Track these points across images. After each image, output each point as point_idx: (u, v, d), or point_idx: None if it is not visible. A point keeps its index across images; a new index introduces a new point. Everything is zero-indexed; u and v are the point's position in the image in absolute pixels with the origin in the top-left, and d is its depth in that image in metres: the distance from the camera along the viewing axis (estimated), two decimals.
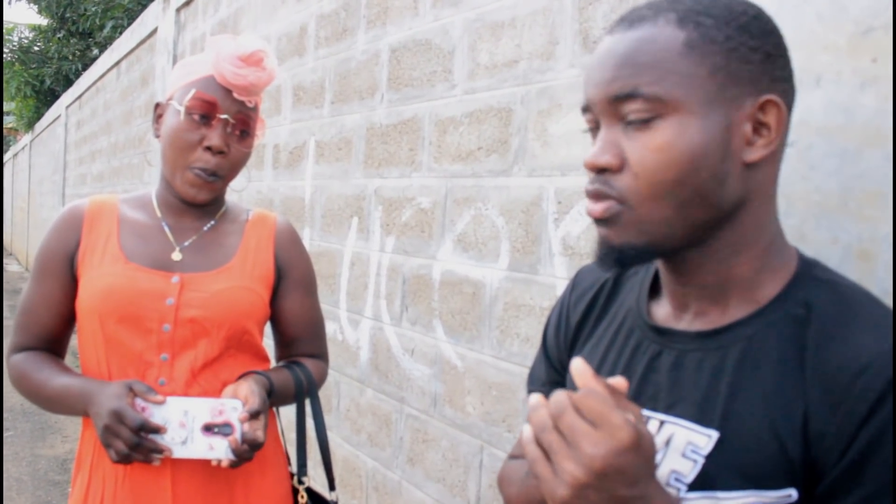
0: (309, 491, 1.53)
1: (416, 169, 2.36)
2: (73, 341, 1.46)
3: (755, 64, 0.77)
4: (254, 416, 1.31)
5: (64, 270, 1.42)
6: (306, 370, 1.52)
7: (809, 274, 0.81)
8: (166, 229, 1.45)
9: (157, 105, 1.45)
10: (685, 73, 0.76)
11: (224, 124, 1.37)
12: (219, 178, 1.40)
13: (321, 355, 1.62)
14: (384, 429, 2.51)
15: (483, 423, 2.01)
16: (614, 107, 0.79)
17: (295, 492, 1.54)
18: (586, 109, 0.83)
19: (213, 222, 1.48)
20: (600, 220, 0.81)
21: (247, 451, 1.30)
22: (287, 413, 1.63)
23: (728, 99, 0.76)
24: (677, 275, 0.86)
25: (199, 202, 1.42)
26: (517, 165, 1.92)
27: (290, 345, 1.58)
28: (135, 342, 1.37)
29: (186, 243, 1.44)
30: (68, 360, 1.50)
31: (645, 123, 0.77)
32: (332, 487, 1.58)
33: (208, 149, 1.36)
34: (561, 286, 1.76)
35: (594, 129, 0.83)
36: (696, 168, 0.76)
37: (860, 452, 0.71)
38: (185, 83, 1.38)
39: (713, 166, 0.77)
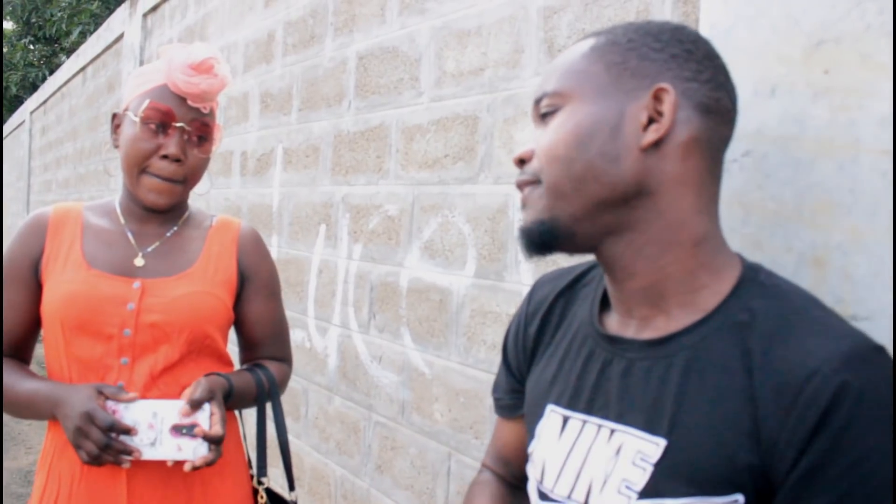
0: (268, 491, 1.54)
1: (383, 176, 2.36)
2: (40, 350, 1.44)
3: (656, 62, 0.84)
4: (194, 406, 1.31)
5: (28, 277, 1.43)
6: (268, 372, 1.53)
7: (753, 279, 0.82)
8: (129, 235, 1.46)
9: (115, 115, 1.46)
10: (582, 69, 0.86)
11: (180, 132, 1.39)
12: (178, 183, 1.41)
13: (285, 358, 1.63)
14: (352, 436, 2.50)
15: (451, 430, 2.02)
16: (537, 110, 0.90)
17: (255, 492, 1.54)
18: None
19: (175, 228, 1.49)
20: (523, 208, 0.90)
21: (212, 450, 1.31)
22: (250, 418, 1.62)
23: (624, 90, 0.84)
24: (612, 276, 0.88)
25: (161, 207, 1.43)
26: (483, 173, 1.93)
27: (254, 348, 1.59)
28: (95, 346, 1.38)
29: (149, 249, 1.45)
30: (35, 369, 1.48)
31: (550, 115, 0.87)
32: (291, 488, 1.59)
33: (165, 157, 1.38)
34: (525, 290, 1.77)
35: None
36: (583, 145, 0.83)
37: (816, 461, 0.71)
38: (140, 93, 1.39)
39: (601, 144, 0.83)
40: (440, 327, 2.07)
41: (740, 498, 0.75)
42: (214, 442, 1.31)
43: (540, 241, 0.87)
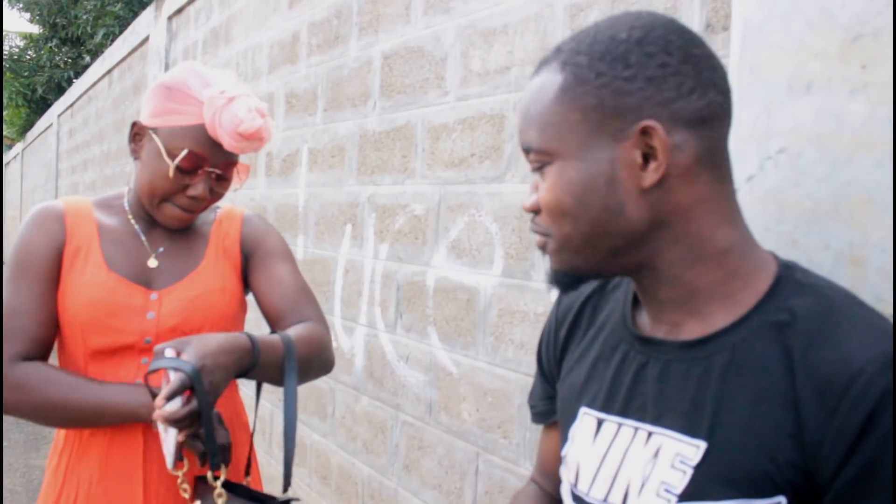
0: (227, 485, 1.29)
1: (409, 176, 2.36)
2: None
3: (632, 94, 0.78)
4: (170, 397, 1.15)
5: (54, 268, 1.40)
6: (286, 335, 1.37)
7: (790, 278, 0.81)
8: (141, 236, 1.47)
9: (135, 124, 1.43)
10: (559, 121, 0.81)
11: (209, 174, 1.39)
12: (197, 212, 1.45)
13: (313, 317, 1.48)
14: (380, 436, 2.50)
15: (479, 430, 2.01)
16: (527, 155, 0.85)
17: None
18: None
19: (183, 227, 1.50)
20: (543, 255, 0.88)
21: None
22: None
23: (607, 134, 0.79)
24: (642, 291, 0.88)
25: (178, 228, 1.46)
26: (510, 172, 1.92)
27: (279, 320, 1.47)
28: (116, 351, 1.39)
29: (161, 249, 1.47)
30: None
31: (541, 170, 0.84)
32: (286, 485, 1.36)
33: (192, 197, 1.39)
34: (555, 292, 1.76)
35: None
36: (583, 204, 0.80)
37: (867, 463, 0.70)
38: (174, 125, 1.37)
39: (601, 200, 0.80)
40: (467, 327, 2.07)
41: (783, 500, 0.75)
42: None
43: (566, 284, 0.88)
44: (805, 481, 0.74)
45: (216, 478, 1.24)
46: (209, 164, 1.37)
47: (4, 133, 20.27)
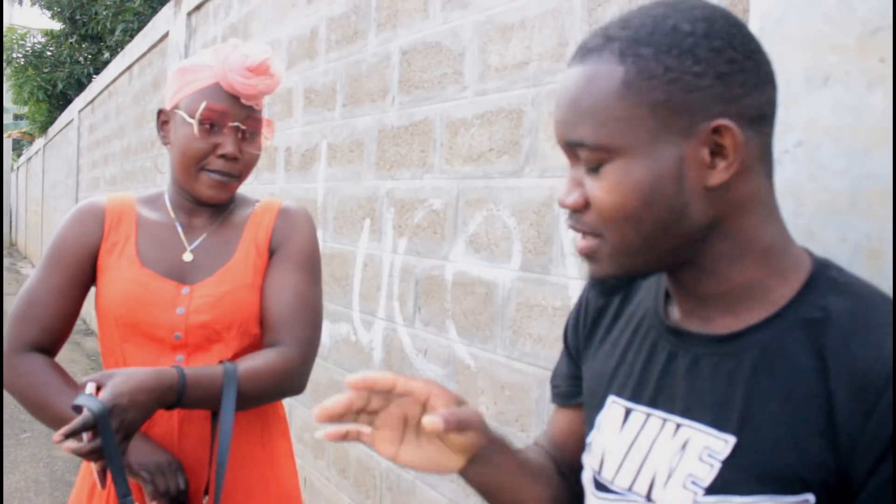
0: None
1: (427, 170, 2.37)
2: (92, 343, 1.44)
3: (702, 90, 0.76)
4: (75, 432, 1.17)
5: (83, 263, 1.43)
6: (232, 366, 1.35)
7: (825, 276, 0.80)
8: (179, 229, 1.48)
9: (161, 112, 1.47)
10: (624, 116, 0.77)
11: (235, 130, 1.41)
12: (234, 179, 1.44)
13: (291, 343, 1.41)
14: None
15: (496, 424, 2.02)
16: (572, 150, 0.81)
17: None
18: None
19: (221, 218, 1.51)
20: (588, 259, 0.84)
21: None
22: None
23: (676, 132, 0.76)
24: (678, 286, 0.87)
25: (219, 202, 1.46)
26: (528, 166, 1.93)
27: (268, 330, 1.44)
28: (149, 344, 1.41)
29: (197, 242, 1.48)
30: (83, 362, 1.49)
31: (597, 169, 0.79)
32: None
33: (223, 156, 1.40)
34: (573, 286, 1.77)
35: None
36: (650, 204, 0.77)
37: None
38: (192, 92, 1.41)
39: (667, 200, 0.77)
40: (485, 321, 2.08)
41: (811, 497, 0.74)
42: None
43: (615, 288, 0.86)
44: (836, 481, 0.74)
45: None
46: (231, 118, 1.40)
47: (26, 130, 20.46)
